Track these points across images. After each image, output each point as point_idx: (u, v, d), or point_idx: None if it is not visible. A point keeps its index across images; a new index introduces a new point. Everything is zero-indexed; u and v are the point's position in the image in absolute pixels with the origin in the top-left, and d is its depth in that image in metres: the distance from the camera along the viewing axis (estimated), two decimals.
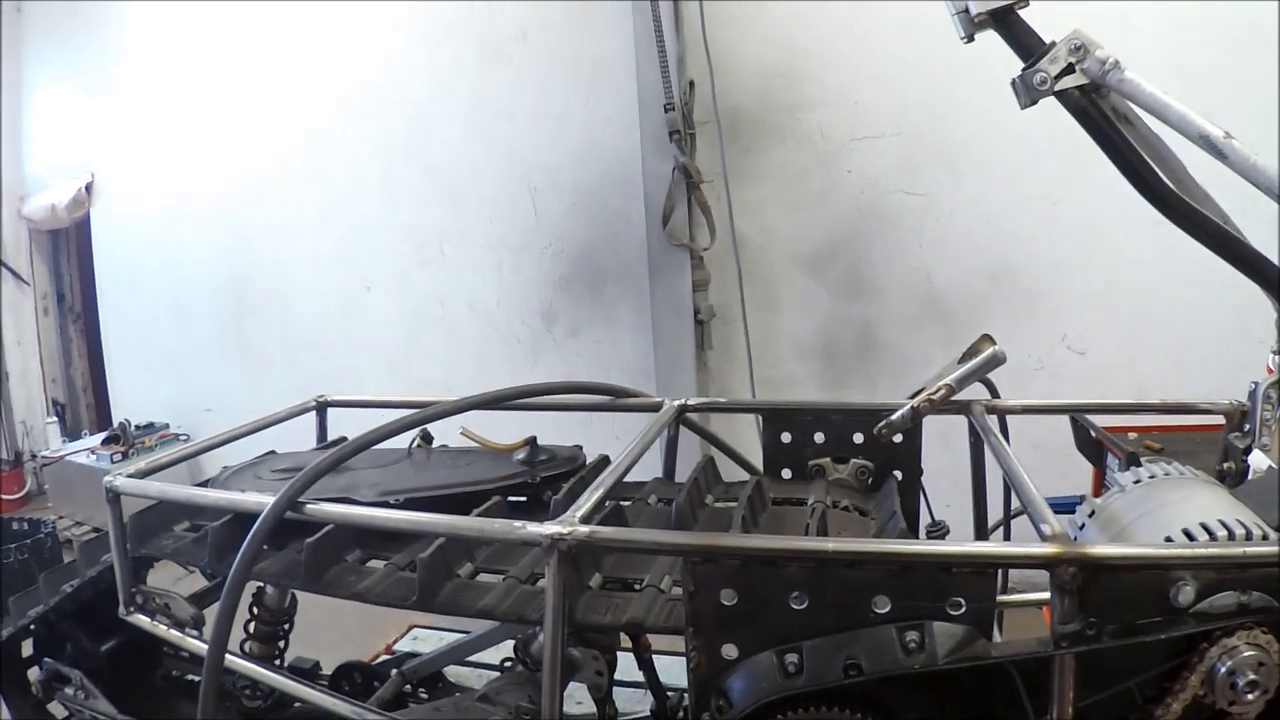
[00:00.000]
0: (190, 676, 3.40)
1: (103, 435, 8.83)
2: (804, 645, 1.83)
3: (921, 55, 5.88)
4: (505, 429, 3.16)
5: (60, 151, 9.36)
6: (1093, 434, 3.77)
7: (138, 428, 8.77)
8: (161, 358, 9.11)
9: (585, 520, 2.03)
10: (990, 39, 2.22)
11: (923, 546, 1.92)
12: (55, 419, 9.79)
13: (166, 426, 8.92)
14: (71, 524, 8.08)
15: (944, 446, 3.13)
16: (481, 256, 7.46)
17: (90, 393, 10.47)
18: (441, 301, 7.67)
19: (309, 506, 2.36)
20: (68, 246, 10.15)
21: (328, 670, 3.61)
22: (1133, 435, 3.86)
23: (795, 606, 1.83)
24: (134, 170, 8.92)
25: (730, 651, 1.89)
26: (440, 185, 7.52)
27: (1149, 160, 2.17)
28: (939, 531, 2.51)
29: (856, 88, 6.22)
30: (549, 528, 1.97)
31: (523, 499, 2.96)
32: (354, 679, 3.53)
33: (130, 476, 2.78)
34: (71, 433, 9.79)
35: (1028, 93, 2.15)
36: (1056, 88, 2.11)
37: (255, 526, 2.31)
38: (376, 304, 7.96)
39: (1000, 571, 3.12)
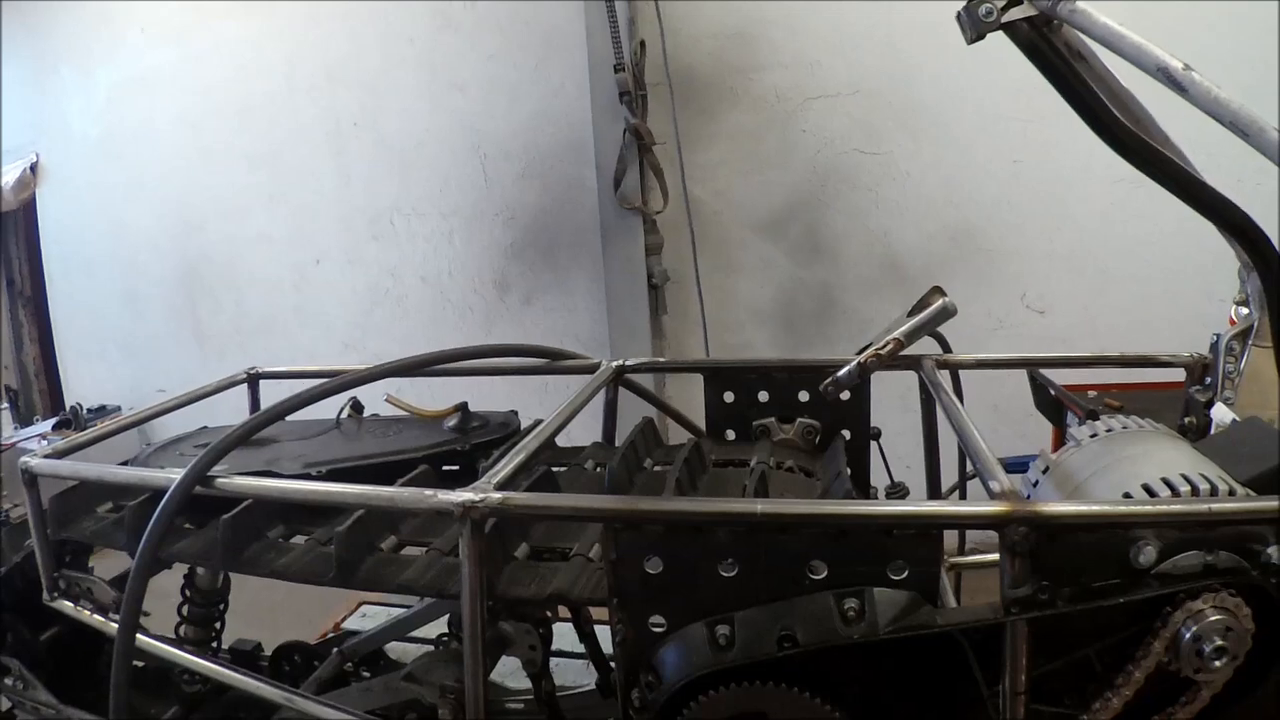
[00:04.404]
0: (135, 662, 3.30)
1: (54, 420, 8.67)
2: (736, 616, 1.72)
3: (879, 13, 5.82)
4: (459, 397, 3.06)
5: (4, 133, 9.11)
6: (1052, 392, 3.70)
7: (90, 411, 8.58)
8: (114, 340, 8.93)
9: (503, 486, 1.91)
10: None
11: (859, 507, 1.83)
12: (7, 405, 9.60)
13: (119, 409, 8.71)
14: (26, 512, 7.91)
15: (904, 408, 3.05)
16: (433, 227, 7.35)
17: (43, 378, 10.27)
18: (394, 274, 7.55)
19: (220, 481, 2.24)
20: (15, 229, 9.91)
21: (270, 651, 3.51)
22: (1092, 394, 3.79)
23: (725, 574, 1.72)
24: (80, 150, 8.69)
25: (658, 623, 1.78)
26: (390, 157, 7.39)
27: (1105, 100, 2.05)
28: (898, 493, 2.43)
29: (812, 47, 6.12)
30: (460, 495, 1.84)
31: (456, 467, 2.85)
32: (294, 659, 3.43)
33: (47, 457, 2.64)
34: (24, 419, 9.60)
35: (973, 26, 2.01)
36: (1003, 19, 1.98)
37: (162, 504, 2.19)
38: (329, 280, 7.83)
39: (959, 533, 3.09)
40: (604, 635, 2.75)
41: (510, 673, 3.07)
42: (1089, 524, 1.62)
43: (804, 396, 2.86)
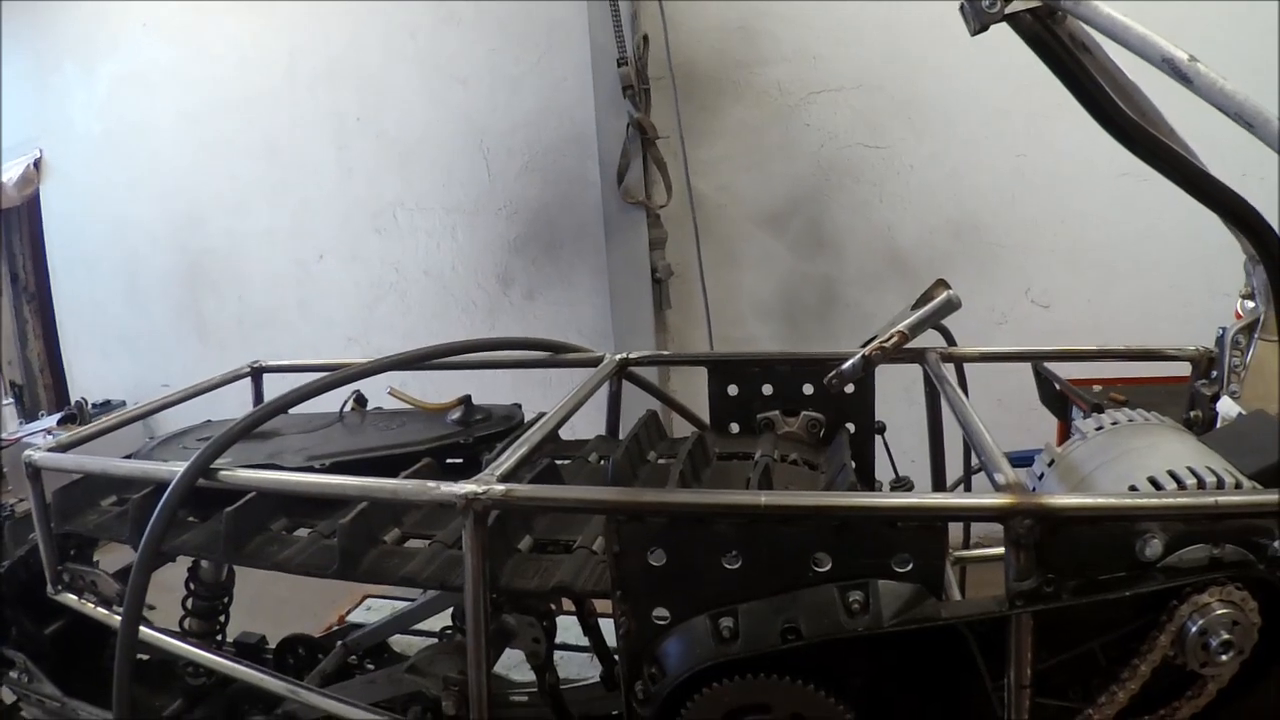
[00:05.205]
0: (139, 655, 3.31)
1: (58, 415, 8.68)
2: (739, 608, 1.72)
3: (882, 7, 5.81)
4: (462, 391, 3.07)
5: (6, 128, 9.09)
6: (1057, 386, 3.69)
7: (95, 406, 8.59)
8: (118, 335, 8.94)
9: (506, 478, 1.91)
10: None
11: (863, 499, 1.81)
12: (12, 400, 9.60)
13: (124, 404, 8.72)
14: None
15: (908, 401, 3.05)
16: (435, 221, 7.36)
17: (47, 373, 10.27)
18: (397, 268, 7.56)
19: (223, 474, 2.22)
20: (19, 225, 9.91)
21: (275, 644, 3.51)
22: (1097, 387, 3.77)
23: (729, 566, 1.71)
24: (83, 146, 8.69)
25: (662, 616, 1.78)
26: (393, 151, 7.40)
27: (1110, 92, 2.04)
28: (903, 487, 2.41)
29: (815, 41, 6.11)
30: (463, 487, 1.83)
31: (459, 460, 2.85)
32: (298, 652, 3.42)
33: (51, 450, 2.64)
34: (29, 414, 9.63)
35: (976, 18, 1.99)
36: (1007, 10, 1.97)
37: (165, 497, 2.18)
38: (332, 274, 7.84)
39: (964, 526, 3.08)
40: (607, 628, 2.75)
41: (514, 665, 3.07)
42: (1094, 517, 1.60)
43: (808, 389, 2.84)
